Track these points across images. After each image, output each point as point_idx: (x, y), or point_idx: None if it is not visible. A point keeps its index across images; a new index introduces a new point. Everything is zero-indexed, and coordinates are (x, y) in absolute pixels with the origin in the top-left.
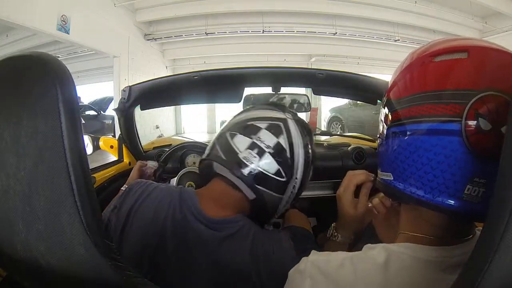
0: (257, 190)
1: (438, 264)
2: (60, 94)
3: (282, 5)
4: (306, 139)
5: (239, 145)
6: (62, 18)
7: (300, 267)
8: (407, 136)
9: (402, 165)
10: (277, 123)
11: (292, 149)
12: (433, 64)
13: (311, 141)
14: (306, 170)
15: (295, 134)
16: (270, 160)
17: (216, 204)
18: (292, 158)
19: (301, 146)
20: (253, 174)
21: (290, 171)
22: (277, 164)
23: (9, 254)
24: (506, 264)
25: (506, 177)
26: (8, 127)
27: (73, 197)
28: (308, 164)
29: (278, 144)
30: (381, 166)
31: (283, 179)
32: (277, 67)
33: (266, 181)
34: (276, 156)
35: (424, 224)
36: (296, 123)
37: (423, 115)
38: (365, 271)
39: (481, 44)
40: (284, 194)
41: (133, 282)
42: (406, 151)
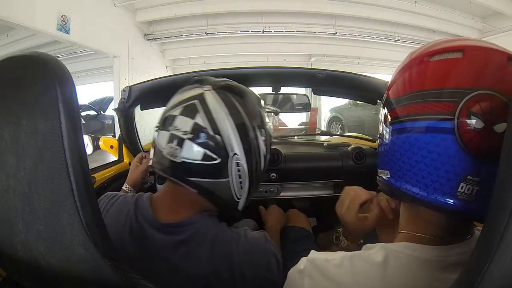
0: (193, 183)
1: (436, 263)
2: (59, 94)
3: (282, 5)
4: (233, 104)
5: (161, 141)
6: (62, 18)
7: (300, 267)
8: (403, 133)
9: (398, 163)
10: (192, 103)
11: (215, 124)
12: (429, 64)
13: (244, 104)
14: (245, 137)
15: (215, 105)
16: (192, 147)
17: (169, 207)
18: (219, 133)
19: (226, 115)
20: (182, 167)
21: (222, 148)
22: (202, 147)
23: (9, 254)
24: (506, 264)
25: (506, 178)
26: (8, 127)
27: (73, 197)
28: (245, 129)
29: (195, 125)
30: (380, 164)
31: (215, 161)
32: (277, 67)
33: (197, 170)
34: (196, 139)
35: (423, 223)
36: (217, 91)
37: (418, 113)
38: (364, 271)
39: (478, 44)
40: (228, 176)
41: (132, 282)
42: (402, 149)
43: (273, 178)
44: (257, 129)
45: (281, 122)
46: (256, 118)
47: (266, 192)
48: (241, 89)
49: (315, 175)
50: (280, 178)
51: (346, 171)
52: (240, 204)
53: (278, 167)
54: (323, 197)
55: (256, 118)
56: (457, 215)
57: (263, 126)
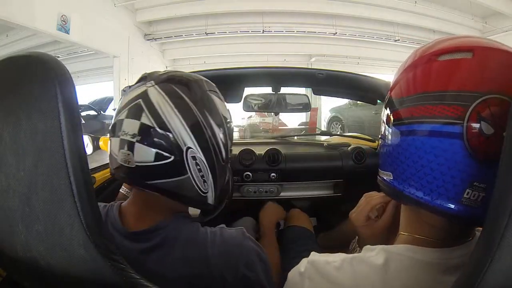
0: (153, 186)
1: (438, 266)
2: (59, 94)
3: (282, 5)
4: (178, 95)
5: (114, 149)
6: (62, 18)
7: (300, 269)
8: (408, 136)
9: (402, 166)
10: (135, 103)
11: (162, 120)
12: (436, 64)
13: (191, 93)
14: (197, 128)
15: (158, 100)
16: (143, 149)
17: (138, 215)
18: (168, 129)
19: (172, 108)
20: (138, 172)
21: (174, 144)
22: (152, 147)
23: (9, 254)
24: (506, 264)
25: (506, 179)
26: (7, 127)
27: (72, 197)
28: (196, 120)
29: (142, 126)
30: (382, 165)
31: (169, 159)
32: (277, 67)
33: (154, 172)
34: (145, 141)
35: (424, 226)
36: (160, 85)
37: (425, 116)
38: (364, 273)
39: (487, 44)
40: (187, 172)
41: (132, 282)
42: (407, 152)
43: (273, 178)
44: (209, 117)
45: (281, 122)
46: (207, 105)
47: (266, 192)
48: (185, 77)
49: (315, 175)
50: (280, 178)
51: (346, 171)
52: (208, 198)
53: (278, 167)
54: (323, 197)
55: (207, 105)
56: (460, 220)
57: (216, 111)
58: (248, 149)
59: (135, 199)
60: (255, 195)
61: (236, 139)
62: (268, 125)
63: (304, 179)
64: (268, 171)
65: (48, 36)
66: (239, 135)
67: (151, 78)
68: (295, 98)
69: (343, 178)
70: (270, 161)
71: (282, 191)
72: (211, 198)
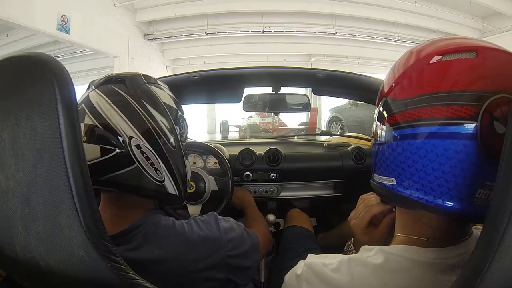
0: (107, 182)
1: (436, 265)
2: (58, 95)
3: (282, 5)
4: (115, 92)
5: None
6: (62, 18)
7: (297, 271)
8: (416, 139)
9: (410, 170)
10: (79, 108)
11: (102, 117)
12: (442, 64)
13: (128, 88)
14: (136, 118)
15: (97, 100)
16: (89, 147)
17: (112, 218)
18: (108, 124)
19: (110, 105)
20: (90, 171)
21: (115, 137)
22: (97, 143)
23: (9, 255)
24: (506, 264)
25: (506, 178)
26: (6, 128)
27: (72, 198)
28: (134, 111)
29: (85, 127)
30: (381, 170)
31: (114, 151)
32: (277, 67)
33: (104, 167)
34: (90, 139)
35: (421, 227)
36: (100, 88)
37: (436, 117)
38: (362, 274)
39: (487, 44)
40: (135, 162)
41: (132, 283)
42: (415, 155)
43: (273, 178)
44: (148, 106)
45: (281, 122)
46: (145, 96)
47: (266, 192)
48: (122, 76)
49: (315, 175)
50: (280, 178)
51: (346, 171)
52: (167, 187)
53: (278, 167)
54: (323, 197)
55: (145, 96)
56: (471, 219)
57: (156, 100)
58: (248, 149)
59: (105, 203)
60: (255, 195)
61: (236, 139)
62: (268, 125)
63: (304, 179)
64: (268, 171)
65: (48, 36)
66: (239, 135)
67: (92, 84)
68: (295, 98)
69: (343, 178)
70: (270, 161)
71: (282, 191)
72: (171, 187)
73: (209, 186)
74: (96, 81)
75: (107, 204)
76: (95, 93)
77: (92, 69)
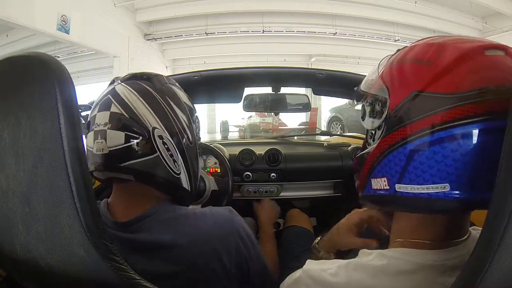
0: (126, 168)
1: (436, 267)
2: (59, 95)
3: (282, 5)
4: (142, 87)
5: (89, 143)
6: (62, 18)
7: (296, 277)
8: (470, 138)
9: (458, 172)
10: (105, 99)
11: (129, 107)
12: (487, 58)
13: (153, 85)
14: (161, 111)
15: (125, 92)
16: (114, 134)
17: (125, 206)
18: (135, 113)
19: (137, 97)
20: (111, 157)
21: (141, 126)
22: (122, 131)
23: (9, 254)
24: (506, 264)
25: (506, 178)
26: (7, 127)
27: (72, 198)
28: (159, 104)
29: (111, 114)
30: (428, 178)
31: (138, 139)
32: (277, 67)
33: (125, 154)
34: (116, 126)
35: (419, 229)
36: (126, 82)
37: (480, 113)
38: (361, 279)
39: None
40: (156, 151)
41: (132, 283)
42: (467, 156)
43: (273, 178)
44: (171, 102)
45: (281, 122)
46: (169, 93)
47: (266, 192)
48: (147, 73)
49: (315, 175)
50: (280, 178)
51: (346, 171)
52: (182, 180)
53: (278, 167)
54: (323, 197)
55: (169, 93)
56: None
57: (178, 99)
58: (248, 149)
59: (118, 193)
60: (255, 195)
61: (236, 139)
62: (268, 125)
63: (304, 179)
64: (268, 171)
65: (48, 36)
66: (239, 135)
67: (117, 79)
68: (295, 98)
69: (343, 178)
70: (270, 161)
71: (282, 191)
72: (185, 181)
73: (209, 186)
74: (121, 77)
75: (120, 195)
76: (122, 86)
77: (92, 69)
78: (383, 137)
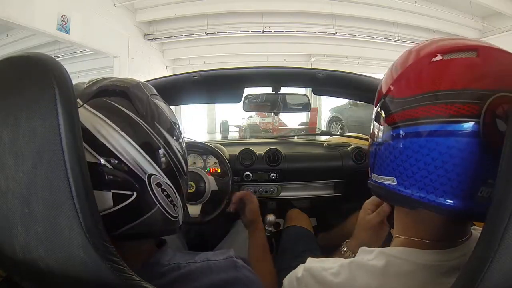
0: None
1: (437, 268)
2: (58, 95)
3: (282, 5)
4: (120, 112)
5: None
6: (62, 18)
7: (297, 275)
8: (420, 137)
9: (411, 169)
10: None
11: (109, 150)
12: (444, 62)
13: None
14: (153, 148)
15: (94, 124)
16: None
17: None
18: (120, 159)
19: (116, 131)
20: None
21: (132, 176)
22: (106, 189)
23: (9, 255)
24: (506, 264)
25: (506, 177)
26: (6, 128)
27: (71, 199)
28: (149, 138)
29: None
30: (381, 170)
31: (132, 197)
32: (277, 67)
33: (117, 220)
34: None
35: (420, 228)
36: (91, 103)
37: (438, 115)
38: (363, 279)
39: (486, 44)
40: (156, 204)
41: (132, 284)
42: (418, 154)
43: (273, 178)
44: (161, 129)
45: (281, 122)
46: (155, 115)
47: (266, 192)
48: (120, 85)
49: (315, 175)
50: (280, 178)
51: (346, 171)
52: (180, 220)
53: (278, 167)
54: (323, 197)
55: (155, 115)
56: (473, 219)
57: (166, 119)
58: (248, 149)
59: None
60: (255, 195)
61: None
62: (268, 125)
63: (304, 179)
64: (268, 171)
65: (48, 36)
66: (239, 135)
67: (77, 98)
68: (295, 98)
69: (343, 178)
70: (270, 161)
71: (282, 191)
72: (181, 218)
73: (209, 186)
74: (79, 89)
75: None
76: (86, 112)
77: (92, 69)
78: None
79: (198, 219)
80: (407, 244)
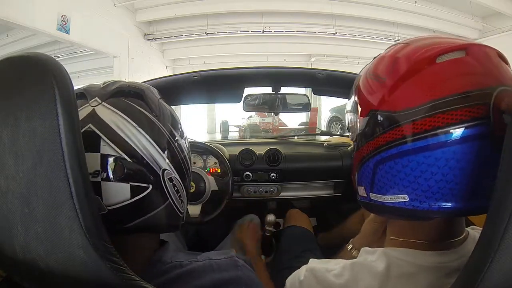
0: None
1: (439, 269)
2: (58, 95)
3: (282, 5)
4: (137, 111)
5: None
6: (62, 18)
7: (300, 277)
8: (434, 150)
9: (427, 183)
10: (86, 130)
11: (128, 145)
12: (438, 66)
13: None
14: (166, 145)
15: (115, 121)
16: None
17: None
18: (138, 154)
19: (135, 127)
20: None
21: (149, 170)
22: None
23: (8, 255)
24: (506, 264)
25: (506, 177)
26: (6, 128)
27: (71, 199)
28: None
29: (105, 158)
30: (385, 189)
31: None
32: (277, 67)
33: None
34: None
35: (419, 231)
36: (110, 101)
37: (449, 123)
38: (365, 280)
39: (471, 41)
40: (168, 198)
41: (132, 284)
42: (433, 167)
43: (273, 178)
44: (171, 128)
45: (281, 122)
46: (167, 115)
47: (266, 192)
48: (135, 87)
49: (315, 175)
50: (280, 178)
51: (346, 171)
52: (184, 217)
53: (278, 167)
54: (323, 197)
55: (167, 115)
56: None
57: (174, 120)
58: (248, 149)
59: None
60: (255, 195)
61: (236, 139)
62: (268, 125)
63: (304, 179)
64: (268, 171)
65: (48, 36)
66: (239, 135)
67: (91, 94)
68: (295, 98)
69: (343, 178)
70: (270, 161)
71: (282, 191)
72: (184, 215)
73: (209, 186)
74: (96, 89)
75: None
76: (105, 109)
77: (92, 69)
78: (356, 151)
79: (198, 219)
80: (406, 245)
